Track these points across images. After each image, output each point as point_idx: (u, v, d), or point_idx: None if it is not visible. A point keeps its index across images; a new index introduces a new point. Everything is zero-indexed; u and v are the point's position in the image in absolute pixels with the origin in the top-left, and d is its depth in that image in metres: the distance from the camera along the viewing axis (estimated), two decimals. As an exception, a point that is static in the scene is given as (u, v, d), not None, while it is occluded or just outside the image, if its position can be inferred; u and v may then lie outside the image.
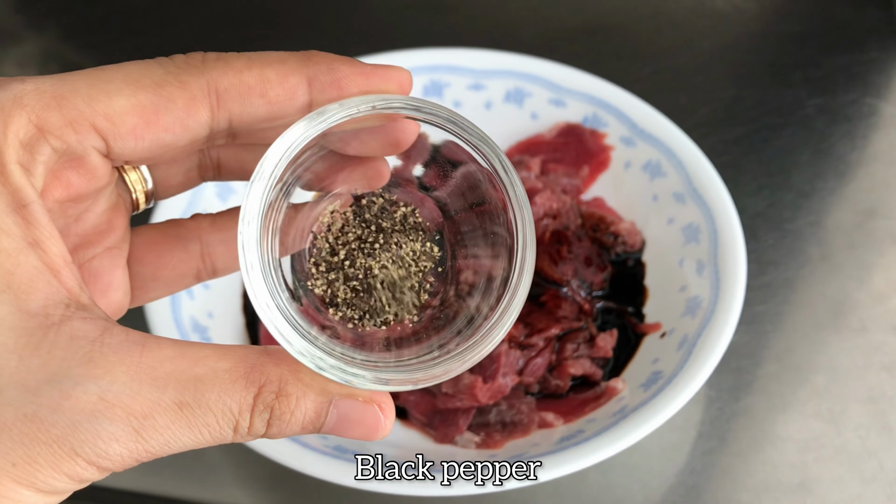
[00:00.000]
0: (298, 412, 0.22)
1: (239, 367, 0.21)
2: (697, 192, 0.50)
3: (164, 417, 0.20)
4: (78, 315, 0.21)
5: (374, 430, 0.23)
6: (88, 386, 0.20)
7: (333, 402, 0.22)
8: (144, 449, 0.20)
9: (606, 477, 0.46)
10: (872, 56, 0.68)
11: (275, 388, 0.22)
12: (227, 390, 0.21)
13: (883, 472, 0.46)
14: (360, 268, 0.26)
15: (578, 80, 0.56)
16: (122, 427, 0.20)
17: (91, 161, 0.23)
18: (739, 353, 0.51)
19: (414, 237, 0.27)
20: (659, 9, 0.73)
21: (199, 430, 0.21)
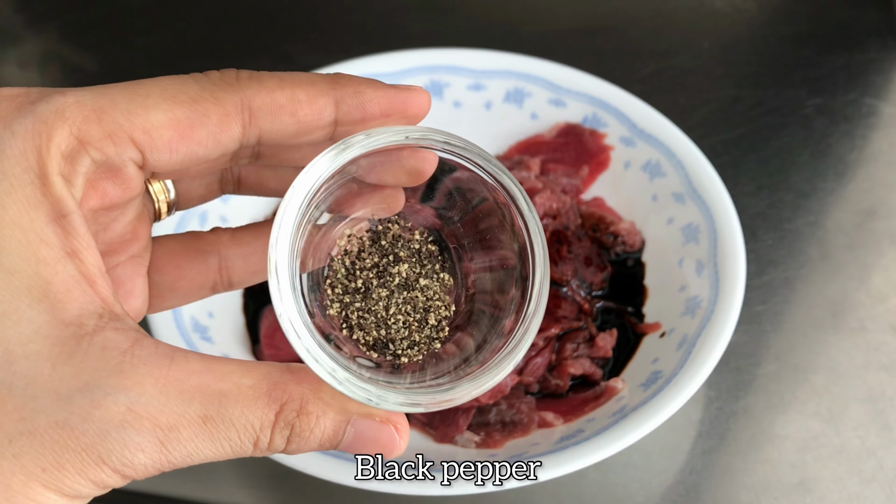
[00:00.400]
0: (318, 430, 0.23)
1: (262, 384, 0.22)
2: (697, 192, 0.50)
3: (189, 430, 0.21)
4: (111, 325, 0.21)
5: (389, 448, 0.24)
6: (119, 396, 0.21)
7: (351, 421, 0.23)
8: (168, 460, 0.21)
9: (606, 476, 0.46)
10: (872, 56, 0.68)
11: (296, 407, 0.22)
12: (250, 406, 0.22)
13: (882, 471, 0.46)
14: (377, 299, 0.26)
15: (578, 81, 0.56)
16: (148, 438, 0.21)
17: (127, 172, 0.24)
18: (739, 353, 0.51)
19: (429, 268, 0.27)
20: (658, 9, 0.73)
21: (221, 443, 0.22)
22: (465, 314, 0.27)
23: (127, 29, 0.71)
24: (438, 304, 0.27)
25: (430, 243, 0.28)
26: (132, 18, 0.72)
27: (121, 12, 0.73)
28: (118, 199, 0.25)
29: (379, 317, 0.26)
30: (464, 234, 0.28)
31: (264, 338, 0.47)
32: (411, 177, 0.26)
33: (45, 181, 0.22)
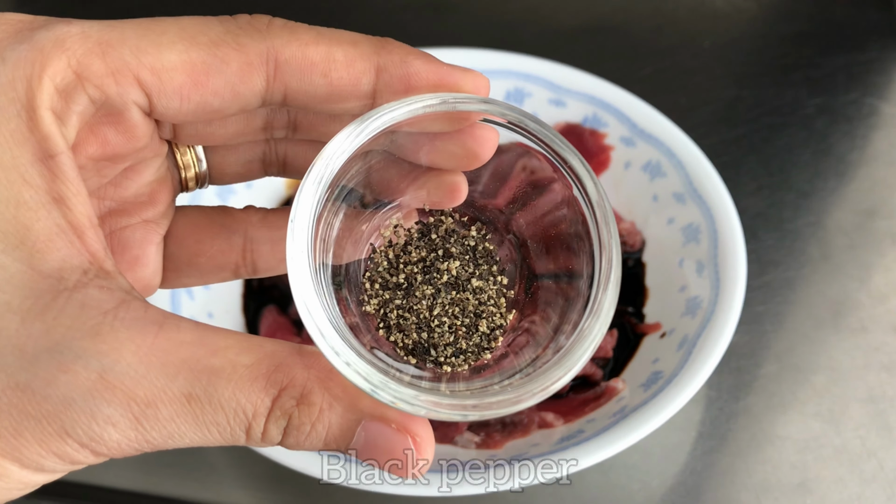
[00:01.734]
0: (321, 425, 0.20)
1: (262, 364, 0.19)
2: (697, 192, 0.50)
3: (170, 408, 0.19)
4: (96, 282, 0.19)
5: (403, 465, 0.20)
6: (90, 361, 0.18)
7: (363, 422, 0.20)
8: (144, 439, 0.19)
9: (606, 477, 0.46)
10: (872, 56, 0.68)
11: (296, 394, 0.19)
12: (242, 388, 0.19)
13: (883, 472, 0.46)
14: (420, 297, 0.23)
15: (578, 80, 0.56)
16: (120, 411, 0.18)
17: (131, 118, 0.21)
18: (739, 353, 0.51)
19: (484, 269, 0.24)
20: (659, 9, 0.73)
21: (206, 427, 0.19)
22: (525, 324, 0.24)
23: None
24: (493, 311, 0.24)
25: (488, 241, 0.25)
26: (132, 18, 0.72)
27: (121, 12, 0.72)
28: (122, 149, 0.22)
29: (421, 317, 0.23)
30: (528, 231, 0.24)
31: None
32: (467, 158, 0.23)
33: (33, 115, 0.19)
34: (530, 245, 0.24)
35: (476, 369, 0.23)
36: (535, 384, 0.20)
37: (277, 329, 0.48)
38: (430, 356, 0.23)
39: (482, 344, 0.23)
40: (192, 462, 0.47)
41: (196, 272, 0.26)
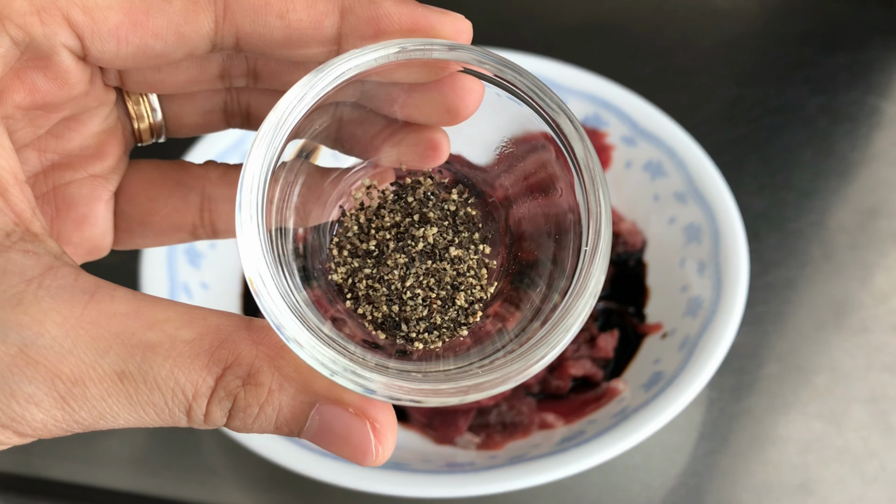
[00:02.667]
0: (270, 408, 0.18)
1: (205, 339, 0.17)
2: (699, 192, 0.49)
3: (100, 387, 0.17)
4: (20, 246, 0.17)
5: (361, 452, 0.18)
6: (10, 334, 0.16)
7: (317, 406, 0.18)
8: (73, 419, 0.17)
9: (608, 478, 0.46)
10: (874, 55, 0.68)
11: (242, 373, 0.17)
12: (181, 366, 0.17)
13: (884, 472, 0.46)
14: (392, 266, 0.21)
15: (579, 80, 0.55)
16: (44, 390, 0.16)
17: (61, 62, 0.19)
18: (741, 354, 0.51)
19: (465, 237, 0.22)
20: (660, 8, 0.73)
21: (142, 408, 0.17)
22: (507, 298, 0.22)
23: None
24: (472, 283, 0.21)
25: (471, 206, 0.22)
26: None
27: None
28: (54, 98, 0.20)
29: (392, 288, 0.21)
30: (514, 196, 0.22)
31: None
32: (447, 113, 0.21)
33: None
34: (515, 211, 0.22)
35: (451, 347, 0.21)
36: (515, 365, 0.18)
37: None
38: (401, 331, 0.21)
39: (458, 319, 0.21)
40: (191, 463, 0.47)
41: (150, 232, 0.24)
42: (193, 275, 0.48)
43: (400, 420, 0.46)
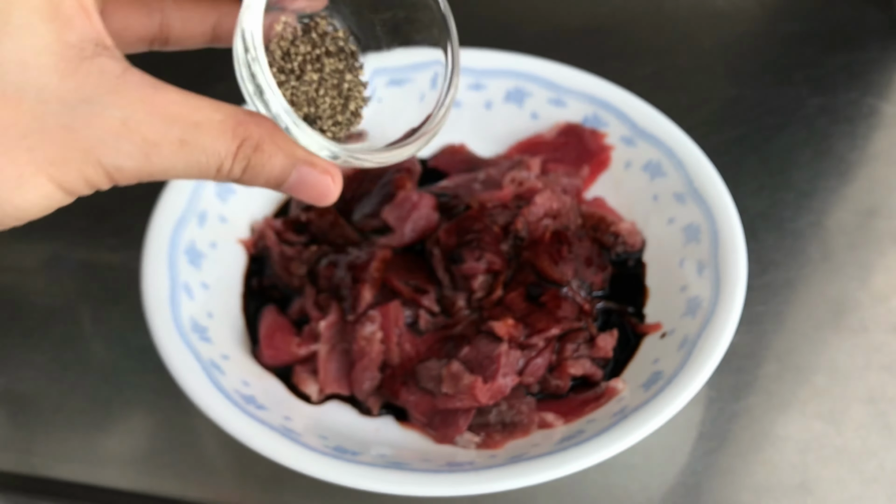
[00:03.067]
0: (268, 167, 0.26)
1: (229, 120, 0.25)
2: (698, 192, 0.50)
3: (169, 149, 0.25)
4: (106, 53, 0.24)
5: (324, 195, 0.28)
6: (114, 111, 0.24)
7: (296, 166, 0.27)
8: (148, 171, 0.25)
9: (607, 477, 0.46)
10: (873, 56, 0.68)
11: (253, 144, 0.26)
12: (218, 137, 0.25)
13: (884, 472, 0.46)
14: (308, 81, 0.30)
15: (579, 80, 0.56)
16: (137, 149, 0.24)
17: None
18: (740, 354, 0.51)
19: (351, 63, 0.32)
20: (659, 8, 0.73)
21: (192, 163, 0.25)
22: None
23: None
24: (356, 95, 0.31)
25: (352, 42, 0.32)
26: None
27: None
28: None
29: (310, 96, 0.30)
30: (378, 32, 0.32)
31: (264, 339, 0.47)
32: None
33: None
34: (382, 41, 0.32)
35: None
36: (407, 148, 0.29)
37: (277, 329, 0.48)
38: (315, 126, 0.30)
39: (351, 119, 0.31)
40: (192, 462, 0.47)
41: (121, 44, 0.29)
42: (194, 275, 0.48)
43: (400, 420, 0.46)
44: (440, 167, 0.57)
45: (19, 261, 0.58)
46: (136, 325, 0.53)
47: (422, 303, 0.47)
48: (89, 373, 0.51)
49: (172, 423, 0.49)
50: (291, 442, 0.40)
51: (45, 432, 0.49)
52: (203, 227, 0.50)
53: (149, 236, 0.47)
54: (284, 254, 0.50)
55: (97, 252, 0.57)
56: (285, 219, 0.53)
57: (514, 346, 0.44)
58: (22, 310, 0.55)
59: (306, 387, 0.46)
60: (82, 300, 0.55)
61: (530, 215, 0.49)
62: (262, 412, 0.42)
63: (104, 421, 0.49)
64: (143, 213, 0.49)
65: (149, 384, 0.51)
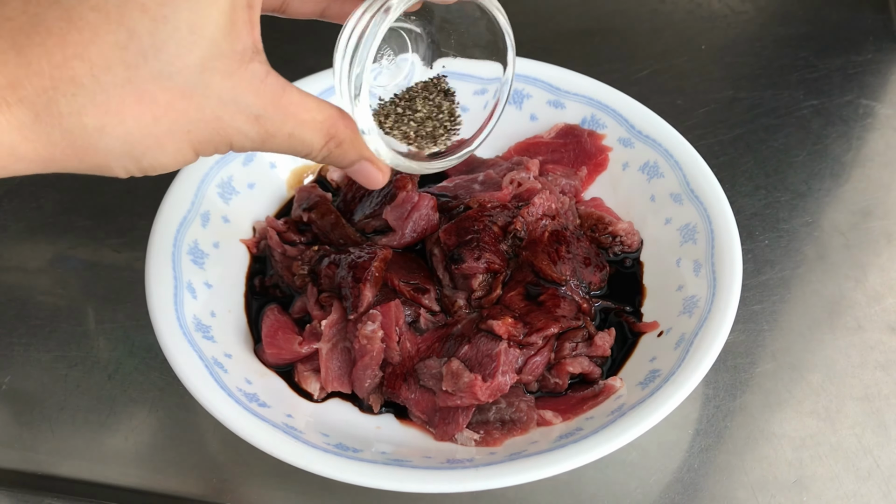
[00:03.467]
0: (342, 159, 0.35)
1: (326, 121, 0.33)
2: (694, 193, 0.50)
3: (280, 138, 0.32)
4: (257, 58, 0.31)
5: (374, 183, 0.37)
6: (253, 110, 0.31)
7: (361, 161, 0.36)
8: (260, 150, 0.33)
9: (604, 474, 0.47)
10: (868, 58, 0.69)
11: (338, 141, 0.34)
12: (315, 134, 0.33)
13: (878, 469, 0.47)
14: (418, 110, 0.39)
15: (577, 82, 0.56)
16: (259, 137, 0.32)
17: None
18: (736, 352, 0.51)
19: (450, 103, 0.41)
20: (656, 11, 0.74)
21: (292, 149, 0.33)
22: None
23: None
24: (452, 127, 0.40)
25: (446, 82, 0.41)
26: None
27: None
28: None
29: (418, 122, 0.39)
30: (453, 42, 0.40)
31: (266, 337, 0.48)
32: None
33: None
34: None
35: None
36: (446, 162, 0.39)
37: (279, 328, 0.48)
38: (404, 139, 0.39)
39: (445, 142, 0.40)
40: (195, 459, 0.48)
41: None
42: (197, 274, 0.48)
43: (401, 417, 0.46)
44: (440, 168, 0.57)
45: (25, 260, 0.58)
46: (140, 324, 0.54)
47: (422, 302, 0.48)
48: (94, 371, 0.52)
49: (176, 421, 0.49)
50: (293, 439, 0.41)
51: (50, 430, 0.50)
52: (206, 228, 0.50)
53: (153, 236, 0.48)
54: (286, 253, 0.51)
55: (102, 252, 0.58)
56: (287, 219, 0.53)
57: (513, 345, 0.45)
58: (27, 309, 0.55)
59: (308, 385, 0.47)
60: (87, 299, 0.55)
61: (529, 215, 0.50)
62: (265, 410, 0.43)
63: (108, 418, 0.50)
64: (147, 213, 0.50)
65: (152, 382, 0.51)
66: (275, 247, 0.51)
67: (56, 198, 0.61)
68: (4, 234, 0.60)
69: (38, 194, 0.62)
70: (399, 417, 0.46)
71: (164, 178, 0.51)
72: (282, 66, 0.33)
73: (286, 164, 0.56)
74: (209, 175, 0.51)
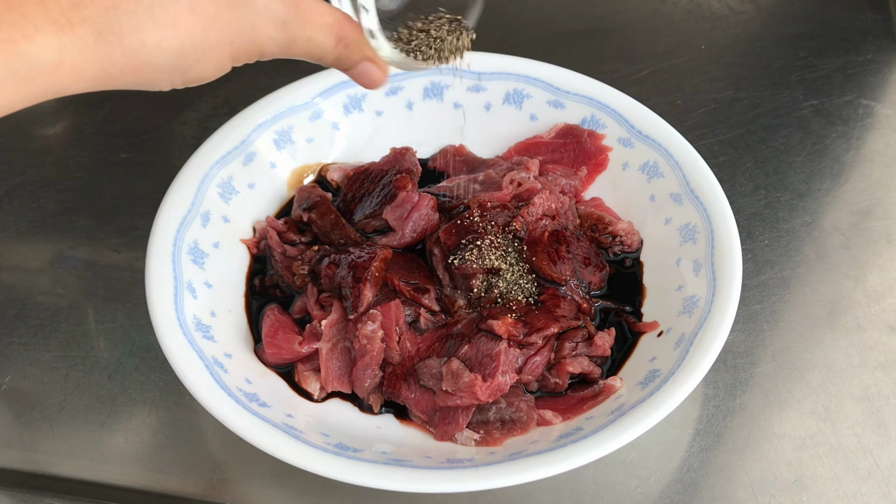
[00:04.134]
0: (349, 59, 0.38)
1: (335, 25, 0.36)
2: (694, 193, 0.50)
3: (301, 42, 0.36)
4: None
5: (375, 82, 0.40)
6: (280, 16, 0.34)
7: (365, 61, 0.39)
8: (283, 55, 0.36)
9: (604, 474, 0.47)
10: (868, 58, 0.69)
11: (346, 43, 0.37)
12: (328, 36, 0.36)
13: (878, 469, 0.47)
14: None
15: (577, 82, 0.56)
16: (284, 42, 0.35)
17: None
18: (736, 352, 0.51)
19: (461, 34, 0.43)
20: (656, 11, 0.74)
21: (309, 52, 0.36)
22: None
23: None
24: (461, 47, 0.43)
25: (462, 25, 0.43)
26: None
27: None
28: None
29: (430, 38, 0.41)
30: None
31: (266, 336, 0.48)
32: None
33: None
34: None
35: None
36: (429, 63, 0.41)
37: (279, 328, 0.48)
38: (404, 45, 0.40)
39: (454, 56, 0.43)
40: (195, 459, 0.48)
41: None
42: (197, 274, 0.48)
43: (401, 417, 0.46)
44: (440, 168, 0.57)
45: (25, 260, 0.58)
46: (141, 324, 0.54)
47: (422, 302, 0.48)
48: (94, 371, 0.52)
49: (176, 421, 0.49)
50: (293, 439, 0.41)
51: (50, 429, 0.50)
52: (206, 227, 0.50)
53: (153, 236, 0.48)
54: (287, 253, 0.51)
55: (102, 252, 0.58)
56: (287, 219, 0.53)
57: (513, 345, 0.45)
58: (27, 308, 0.55)
59: (308, 385, 0.47)
60: (87, 299, 0.55)
61: (529, 215, 0.50)
62: (265, 409, 0.43)
63: (108, 418, 0.50)
64: (147, 213, 0.50)
65: (153, 382, 0.51)
66: (275, 247, 0.51)
67: (56, 198, 0.61)
68: (4, 234, 0.60)
69: (38, 194, 0.62)
70: (399, 417, 0.46)
71: (165, 178, 0.51)
72: (281, 67, 0.33)
73: (286, 163, 0.56)
74: (209, 175, 0.51)
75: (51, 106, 0.69)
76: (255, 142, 0.54)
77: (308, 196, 0.53)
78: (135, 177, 0.62)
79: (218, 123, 0.54)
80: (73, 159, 0.64)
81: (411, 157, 0.55)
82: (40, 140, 0.66)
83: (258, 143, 0.54)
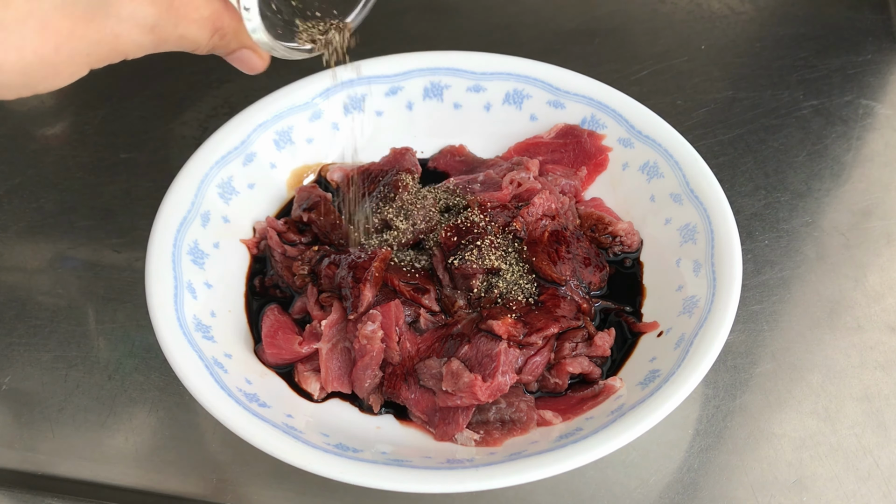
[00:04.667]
0: (226, 48, 0.39)
1: (212, 18, 0.36)
2: (694, 193, 0.50)
3: (172, 41, 0.36)
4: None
5: (253, 69, 0.41)
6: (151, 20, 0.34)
7: (244, 49, 0.40)
8: (153, 51, 0.35)
9: (604, 474, 0.47)
10: (868, 58, 0.69)
11: (222, 34, 0.37)
12: (203, 30, 0.36)
13: (878, 469, 0.47)
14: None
15: (577, 83, 0.56)
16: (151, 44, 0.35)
17: None
18: (736, 352, 0.51)
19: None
20: (656, 12, 0.74)
21: (182, 46, 0.36)
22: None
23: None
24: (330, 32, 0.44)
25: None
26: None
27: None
28: None
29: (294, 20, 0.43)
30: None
31: (266, 337, 0.48)
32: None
33: None
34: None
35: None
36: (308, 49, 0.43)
37: (279, 328, 0.48)
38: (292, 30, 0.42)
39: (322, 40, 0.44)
40: (195, 459, 0.48)
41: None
42: (197, 274, 0.48)
43: (401, 418, 0.46)
44: (440, 168, 0.57)
45: (25, 261, 0.58)
46: (140, 324, 0.54)
47: (422, 302, 0.48)
48: (94, 371, 0.52)
49: (176, 421, 0.49)
50: (293, 439, 0.41)
51: (50, 430, 0.50)
52: (206, 228, 0.50)
53: (153, 236, 0.48)
54: (287, 253, 0.51)
55: (102, 252, 0.58)
56: (287, 219, 0.53)
57: (513, 345, 0.45)
58: (27, 309, 0.55)
59: (308, 385, 0.47)
60: (87, 299, 0.55)
61: (529, 216, 0.50)
62: (265, 410, 0.43)
63: (108, 418, 0.50)
64: (147, 213, 0.50)
65: (153, 382, 0.51)
66: (275, 247, 0.51)
67: (56, 198, 0.61)
68: (4, 234, 0.60)
69: (38, 194, 0.62)
70: (399, 417, 0.46)
71: (165, 178, 0.51)
72: (281, 68, 0.33)
73: (286, 164, 0.56)
74: (209, 175, 0.51)
75: (51, 106, 0.69)
76: (255, 142, 0.54)
77: (308, 196, 0.54)
78: (135, 177, 0.62)
79: (218, 123, 0.54)
80: (73, 159, 0.64)
81: (411, 157, 0.55)
82: (40, 140, 0.66)
83: (258, 144, 0.54)
